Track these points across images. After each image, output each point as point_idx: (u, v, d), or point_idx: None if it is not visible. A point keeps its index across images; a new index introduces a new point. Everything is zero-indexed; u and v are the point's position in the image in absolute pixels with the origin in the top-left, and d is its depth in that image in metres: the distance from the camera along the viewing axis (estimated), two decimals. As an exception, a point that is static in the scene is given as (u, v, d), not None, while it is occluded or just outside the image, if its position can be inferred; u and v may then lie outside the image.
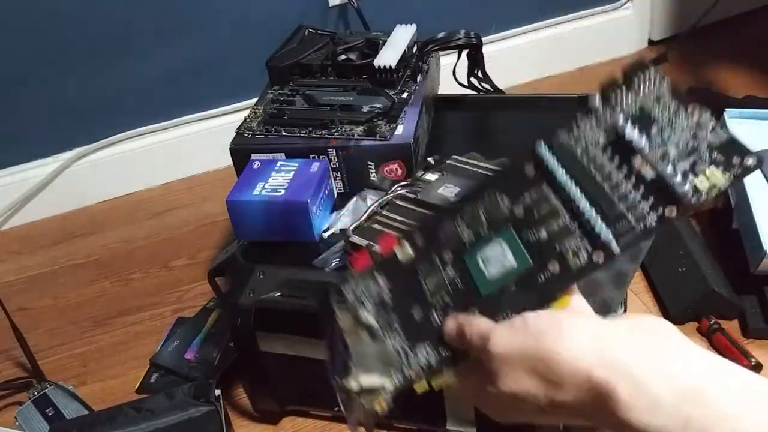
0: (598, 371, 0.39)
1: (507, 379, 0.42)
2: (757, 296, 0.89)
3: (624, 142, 0.48)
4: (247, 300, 0.74)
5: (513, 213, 0.50)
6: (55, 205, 1.28)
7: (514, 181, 0.51)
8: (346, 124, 0.85)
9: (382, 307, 0.51)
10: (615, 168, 0.47)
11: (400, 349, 0.48)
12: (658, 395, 0.37)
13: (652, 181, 0.45)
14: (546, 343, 0.41)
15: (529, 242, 0.49)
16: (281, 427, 0.86)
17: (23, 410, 0.88)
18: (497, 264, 0.49)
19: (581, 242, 0.46)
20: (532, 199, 0.50)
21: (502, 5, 1.42)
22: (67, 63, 1.19)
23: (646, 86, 0.50)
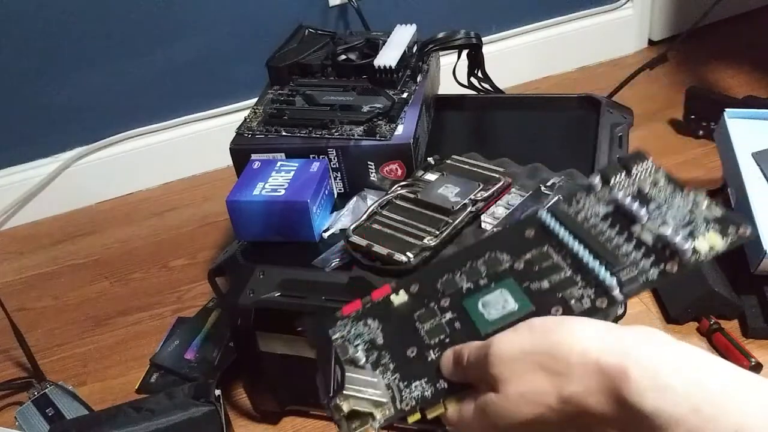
0: (608, 357, 0.38)
1: (512, 380, 0.41)
2: (757, 296, 0.89)
3: (623, 212, 0.50)
4: (247, 300, 0.74)
5: (513, 267, 0.51)
6: (55, 205, 1.28)
7: (515, 242, 0.53)
8: (346, 124, 0.85)
9: (373, 346, 0.50)
10: (616, 233, 0.49)
11: (393, 385, 0.48)
12: (669, 381, 0.37)
13: (653, 242, 0.47)
14: (553, 336, 0.40)
15: (531, 290, 0.49)
16: (281, 427, 0.86)
17: (23, 410, 0.88)
18: (497, 307, 0.49)
19: (584, 290, 0.47)
20: (533, 256, 0.51)
21: (502, 5, 1.42)
22: (67, 63, 1.19)
23: (644, 173, 0.53)
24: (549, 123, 0.98)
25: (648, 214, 0.49)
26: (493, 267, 0.52)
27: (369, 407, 0.47)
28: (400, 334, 0.51)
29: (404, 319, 0.52)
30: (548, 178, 0.79)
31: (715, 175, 1.12)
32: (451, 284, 0.53)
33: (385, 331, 0.51)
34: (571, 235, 0.51)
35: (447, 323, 0.50)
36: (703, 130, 1.23)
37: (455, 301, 0.51)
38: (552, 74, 1.50)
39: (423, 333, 0.50)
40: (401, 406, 0.47)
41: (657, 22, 1.53)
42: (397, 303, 0.53)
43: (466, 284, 0.52)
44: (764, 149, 0.94)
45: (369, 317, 0.53)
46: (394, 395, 0.47)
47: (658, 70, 1.28)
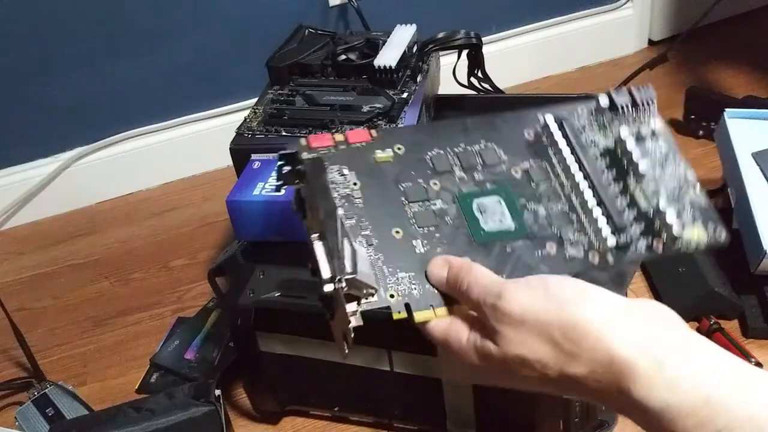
0: (620, 348, 0.38)
1: (515, 341, 0.40)
2: (757, 296, 0.89)
3: (623, 155, 0.48)
4: (247, 300, 0.74)
5: (510, 172, 0.48)
6: (55, 205, 1.28)
7: (513, 140, 0.49)
8: (346, 124, 0.85)
9: (350, 206, 0.44)
10: (613, 178, 0.48)
11: (376, 265, 0.42)
12: (678, 374, 0.36)
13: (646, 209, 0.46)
14: (569, 312, 0.39)
15: (527, 209, 0.46)
16: (281, 427, 0.86)
17: (23, 410, 0.88)
18: (494, 218, 0.46)
19: (580, 236, 0.46)
20: (530, 169, 0.48)
21: (502, 5, 1.42)
22: (67, 63, 1.19)
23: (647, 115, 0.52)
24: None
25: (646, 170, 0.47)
26: (489, 162, 0.48)
27: (360, 291, 0.41)
28: (383, 204, 0.45)
29: (387, 185, 0.46)
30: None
31: (715, 175, 1.12)
32: (442, 162, 0.47)
33: (364, 193, 0.45)
34: (576, 162, 0.48)
35: (438, 212, 0.45)
36: (703, 130, 1.23)
37: (447, 187, 0.47)
38: (552, 74, 1.50)
39: (410, 214, 0.45)
40: (386, 296, 0.42)
41: (657, 22, 1.53)
42: (379, 160, 0.46)
43: (459, 172, 0.47)
44: (764, 149, 0.94)
45: (344, 164, 0.46)
46: (378, 278, 0.42)
47: (658, 70, 1.28)
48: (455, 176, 0.47)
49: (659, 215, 0.45)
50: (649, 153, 0.49)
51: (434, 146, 0.48)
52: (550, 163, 0.49)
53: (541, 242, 0.45)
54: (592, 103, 0.51)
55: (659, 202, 0.46)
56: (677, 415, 0.36)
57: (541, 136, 0.50)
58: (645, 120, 0.51)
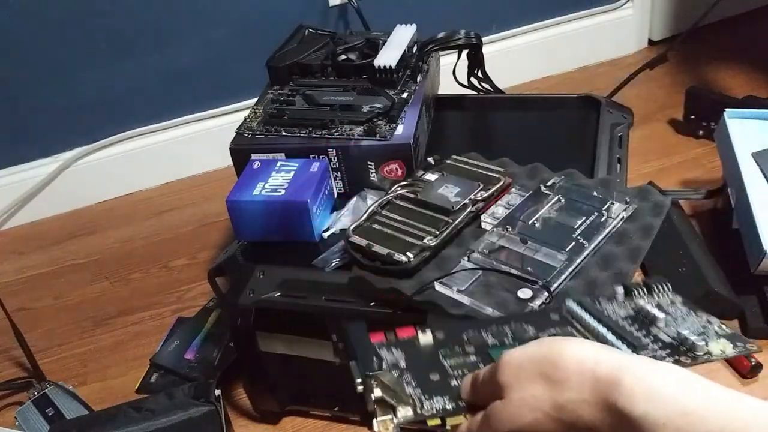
0: (603, 365, 0.41)
1: (516, 386, 0.44)
2: (757, 296, 0.89)
3: (644, 315, 0.55)
4: (247, 300, 0.74)
5: (538, 335, 0.54)
6: (55, 205, 1.28)
7: (539, 320, 0.56)
8: (346, 124, 0.85)
9: (396, 368, 0.51)
10: (636, 329, 0.53)
11: (415, 396, 0.48)
12: (660, 387, 0.39)
13: (670, 340, 0.52)
14: (555, 346, 0.43)
15: None
16: (281, 427, 0.86)
17: (23, 410, 0.88)
18: None
19: None
20: (556, 332, 0.54)
21: (502, 5, 1.42)
22: (67, 63, 1.19)
23: (662, 295, 0.59)
24: (549, 123, 0.98)
25: (666, 319, 0.54)
26: (519, 333, 0.55)
27: (394, 400, 0.47)
28: (425, 363, 0.52)
29: (428, 354, 0.53)
30: (548, 178, 0.79)
31: (715, 175, 1.12)
32: (477, 338, 0.55)
33: (408, 359, 0.52)
34: (595, 320, 0.55)
35: (472, 363, 0.52)
36: (703, 130, 1.23)
37: (481, 350, 0.53)
38: (552, 74, 1.50)
39: (447, 366, 0.52)
40: (421, 412, 0.47)
41: (657, 22, 1.53)
42: (422, 342, 0.54)
43: (492, 340, 0.54)
44: (764, 149, 0.94)
45: (392, 347, 0.53)
46: (415, 404, 0.48)
47: (658, 70, 1.28)
48: (488, 344, 0.54)
49: (682, 340, 0.51)
50: (669, 314, 0.55)
51: (470, 329, 0.55)
52: (575, 327, 0.55)
53: None
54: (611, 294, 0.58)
55: (681, 333, 0.51)
56: (656, 424, 0.38)
57: (565, 316, 0.57)
58: (663, 296, 0.59)
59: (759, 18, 1.56)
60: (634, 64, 1.32)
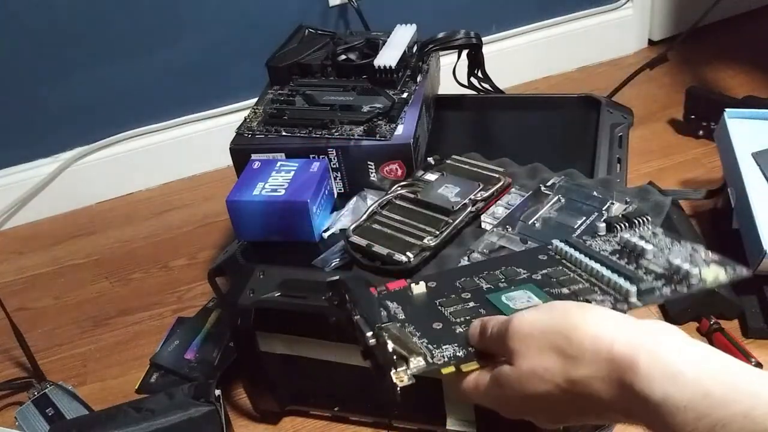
0: (619, 344, 0.39)
1: (526, 355, 0.42)
2: (757, 296, 0.89)
3: (631, 249, 0.55)
4: (247, 300, 0.74)
5: (531, 277, 0.54)
6: (55, 205, 1.28)
7: (529, 262, 0.56)
8: (346, 124, 0.85)
9: (395, 320, 0.50)
10: (626, 263, 0.53)
11: (423, 347, 0.47)
12: (679, 368, 0.37)
13: (663, 270, 0.51)
14: (570, 318, 0.42)
15: (552, 293, 0.51)
16: (281, 427, 0.86)
17: (23, 410, 0.88)
18: (523, 302, 0.51)
19: (604, 296, 0.50)
20: (549, 271, 0.54)
21: (502, 5, 1.42)
22: (67, 63, 1.19)
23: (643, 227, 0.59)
24: (549, 123, 0.98)
25: (654, 251, 0.53)
26: (511, 275, 0.54)
27: (405, 351, 0.46)
28: (424, 313, 0.51)
29: (425, 304, 0.52)
30: (548, 178, 0.79)
31: (715, 175, 1.12)
32: (470, 284, 0.54)
33: (406, 311, 0.51)
34: (586, 257, 0.54)
35: (471, 309, 0.51)
36: (703, 130, 1.23)
37: (477, 295, 0.52)
38: (552, 74, 1.50)
39: (447, 314, 0.51)
40: (433, 361, 0.46)
41: (657, 22, 1.53)
42: (416, 292, 0.54)
43: (486, 285, 0.53)
44: (764, 149, 0.94)
45: (386, 300, 0.53)
46: (425, 354, 0.47)
47: (658, 70, 1.28)
48: (483, 288, 0.53)
49: (675, 269, 0.50)
50: (655, 244, 0.55)
51: (461, 276, 0.55)
52: (566, 266, 0.55)
53: None
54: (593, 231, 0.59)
55: (673, 262, 0.51)
56: (676, 407, 0.36)
57: (553, 255, 0.56)
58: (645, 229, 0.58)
59: (759, 18, 1.56)
60: (634, 64, 1.32)
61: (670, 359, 0.38)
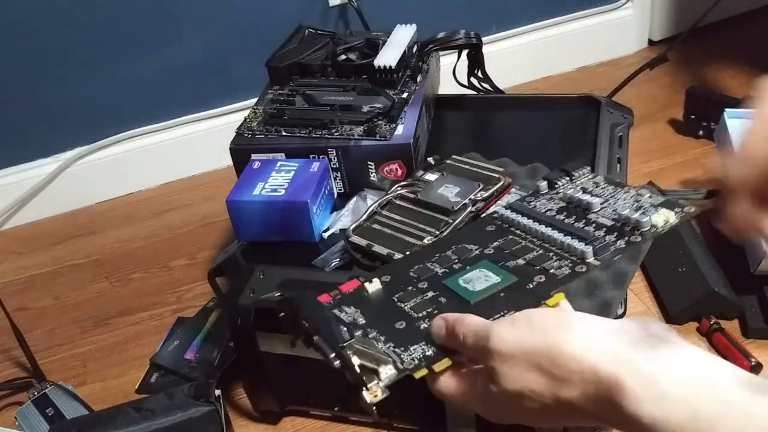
0: (605, 365, 0.38)
1: (510, 376, 0.41)
2: (757, 296, 0.89)
3: (576, 204, 0.54)
4: (247, 300, 0.74)
5: (483, 252, 0.53)
6: (55, 205, 1.28)
7: (477, 236, 0.55)
8: (346, 124, 0.85)
9: (355, 327, 0.49)
10: (574, 221, 0.52)
11: (389, 352, 0.46)
12: (667, 388, 0.36)
13: (612, 223, 0.51)
14: (552, 338, 0.40)
15: (508, 267, 0.51)
16: (281, 427, 0.86)
17: (23, 410, 0.88)
18: (481, 282, 0.50)
19: (561, 261, 0.49)
20: (500, 243, 0.53)
21: (502, 5, 1.42)
22: (67, 63, 1.19)
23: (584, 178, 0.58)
24: (549, 123, 0.98)
25: (600, 203, 0.52)
26: (463, 254, 0.53)
27: (373, 363, 0.45)
28: (383, 313, 0.50)
29: (383, 302, 0.51)
30: (548, 178, 0.79)
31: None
32: (424, 271, 0.53)
33: (365, 314, 0.50)
34: (535, 222, 0.53)
35: (431, 299, 0.50)
36: (703, 130, 1.23)
37: (434, 282, 0.51)
38: (552, 74, 1.50)
39: (408, 309, 0.49)
40: (403, 366, 0.45)
41: (657, 22, 1.53)
42: (371, 290, 0.52)
43: (441, 269, 0.52)
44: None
45: (343, 305, 0.51)
46: (394, 360, 0.45)
47: (658, 70, 1.28)
48: (439, 274, 0.52)
49: (625, 219, 0.50)
50: (599, 195, 0.54)
51: (414, 264, 0.54)
52: (515, 234, 0.54)
53: (529, 278, 0.49)
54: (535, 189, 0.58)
55: (621, 213, 0.50)
56: (664, 430, 0.36)
57: (501, 224, 0.55)
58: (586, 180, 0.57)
59: (759, 18, 1.56)
60: (634, 64, 1.32)
61: (657, 378, 0.37)
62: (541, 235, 0.52)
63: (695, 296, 0.89)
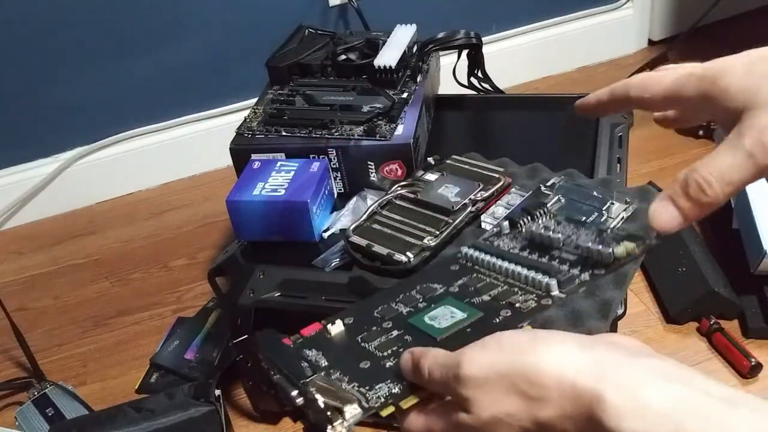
0: (584, 380, 0.37)
1: (485, 402, 0.40)
2: (757, 296, 0.89)
3: (539, 242, 0.53)
4: (247, 300, 0.74)
5: (448, 290, 0.52)
6: (55, 205, 1.28)
7: (442, 275, 0.54)
8: (346, 124, 0.85)
9: (318, 369, 0.48)
10: (538, 257, 0.52)
11: (354, 392, 0.45)
12: (648, 401, 0.35)
13: (576, 257, 0.50)
14: (526, 357, 0.39)
15: (473, 303, 0.50)
16: (281, 427, 0.86)
17: (23, 410, 0.88)
18: (446, 319, 0.49)
19: (526, 295, 0.49)
20: (464, 281, 0.53)
21: (502, 5, 1.42)
22: (67, 63, 1.19)
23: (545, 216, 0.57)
24: (549, 123, 0.98)
25: (562, 239, 0.52)
26: (428, 293, 0.52)
27: (337, 402, 0.43)
28: (347, 354, 0.48)
29: (346, 343, 0.50)
30: (548, 178, 0.79)
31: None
32: (389, 311, 0.52)
33: (328, 357, 0.48)
34: (499, 258, 0.53)
35: (396, 338, 0.48)
36: (703, 130, 1.23)
37: (399, 321, 0.50)
38: (552, 74, 1.50)
39: (372, 348, 0.48)
40: (369, 404, 0.43)
41: (657, 22, 1.53)
42: (334, 333, 0.51)
43: (405, 309, 0.52)
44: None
45: (304, 349, 0.50)
46: (359, 398, 0.44)
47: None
48: (404, 314, 0.51)
49: (589, 252, 0.50)
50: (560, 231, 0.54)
51: (378, 305, 0.53)
52: (480, 272, 0.53)
53: (495, 313, 0.48)
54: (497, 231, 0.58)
55: (586, 247, 0.50)
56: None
57: (465, 263, 0.55)
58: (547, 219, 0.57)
59: (759, 18, 1.56)
60: (634, 64, 1.32)
61: (637, 393, 0.36)
62: (505, 271, 0.51)
63: (695, 296, 0.89)
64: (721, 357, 0.86)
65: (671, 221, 0.41)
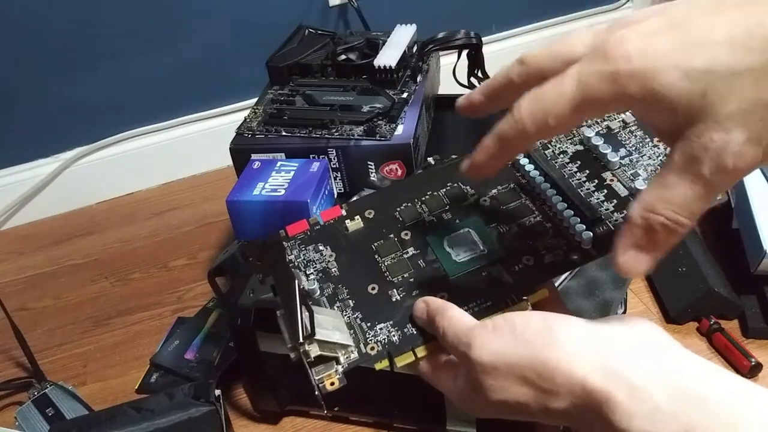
0: (594, 378, 0.37)
1: (495, 388, 0.40)
2: (757, 296, 0.89)
3: (594, 155, 0.49)
4: (247, 300, 0.74)
5: (479, 203, 0.49)
6: (55, 205, 1.28)
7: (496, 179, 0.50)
8: (346, 124, 0.85)
9: (326, 277, 0.47)
10: (586, 177, 0.48)
11: (355, 324, 0.44)
12: (658, 402, 0.35)
13: (625, 196, 0.46)
14: (538, 350, 0.39)
15: (499, 231, 0.47)
16: (281, 427, 0.86)
17: (23, 410, 0.88)
18: (465, 248, 0.47)
19: (556, 240, 0.46)
20: (499, 193, 0.49)
21: (502, 5, 1.42)
22: (67, 63, 1.19)
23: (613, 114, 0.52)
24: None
25: (620, 161, 0.48)
26: (457, 200, 0.49)
27: (334, 351, 0.43)
28: (358, 266, 0.47)
29: (361, 248, 0.48)
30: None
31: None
32: (411, 213, 0.50)
33: (339, 262, 0.47)
34: (541, 175, 0.49)
35: (410, 259, 0.47)
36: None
37: (417, 233, 0.48)
38: (552, 74, 1.50)
39: (384, 268, 0.47)
40: (366, 350, 0.43)
41: (657, 22, 1.53)
42: (351, 229, 0.50)
43: (428, 216, 0.49)
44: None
45: (320, 242, 0.49)
46: (357, 336, 0.44)
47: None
48: (425, 222, 0.49)
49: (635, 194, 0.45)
50: (623, 143, 0.49)
51: (402, 201, 0.50)
52: (518, 183, 0.50)
53: (517, 258, 0.46)
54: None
55: (636, 183, 0.46)
56: None
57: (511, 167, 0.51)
58: (612, 116, 0.51)
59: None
60: (634, 64, 1.32)
61: (647, 391, 0.36)
62: (544, 198, 0.48)
63: (695, 296, 0.89)
64: (721, 357, 0.86)
65: (645, 266, 0.38)
